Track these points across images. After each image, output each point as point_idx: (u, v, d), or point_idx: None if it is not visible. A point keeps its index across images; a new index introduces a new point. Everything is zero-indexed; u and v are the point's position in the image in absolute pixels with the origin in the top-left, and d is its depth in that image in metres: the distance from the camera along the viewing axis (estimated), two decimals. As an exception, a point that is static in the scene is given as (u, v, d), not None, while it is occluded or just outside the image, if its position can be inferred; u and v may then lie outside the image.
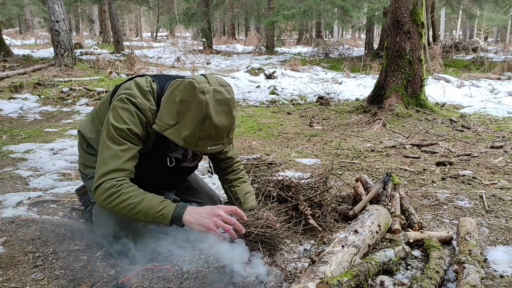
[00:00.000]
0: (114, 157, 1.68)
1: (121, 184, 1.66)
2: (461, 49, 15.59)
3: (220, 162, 2.16)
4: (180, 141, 1.64)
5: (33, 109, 5.76)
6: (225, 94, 1.65)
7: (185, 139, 1.63)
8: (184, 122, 1.62)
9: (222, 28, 33.66)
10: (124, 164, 1.69)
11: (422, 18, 5.55)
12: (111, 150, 1.69)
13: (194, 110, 1.60)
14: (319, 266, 1.57)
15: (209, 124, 1.61)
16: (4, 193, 2.74)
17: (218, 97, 1.62)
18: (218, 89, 1.64)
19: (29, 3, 20.99)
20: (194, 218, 1.62)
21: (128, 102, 1.71)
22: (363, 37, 21.81)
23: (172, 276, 1.79)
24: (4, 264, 1.87)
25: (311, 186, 2.72)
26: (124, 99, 1.72)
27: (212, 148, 1.68)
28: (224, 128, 1.65)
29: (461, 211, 2.51)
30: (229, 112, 1.66)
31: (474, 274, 1.59)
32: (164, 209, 1.63)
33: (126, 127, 1.69)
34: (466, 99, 6.78)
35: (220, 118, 1.63)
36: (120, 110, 1.71)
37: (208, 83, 1.64)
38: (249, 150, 3.98)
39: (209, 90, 1.61)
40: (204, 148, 1.67)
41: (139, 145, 1.75)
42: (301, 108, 6.54)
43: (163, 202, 1.66)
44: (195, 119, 1.60)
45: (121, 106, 1.71)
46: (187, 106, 1.61)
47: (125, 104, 1.71)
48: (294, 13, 12.07)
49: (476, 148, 4.04)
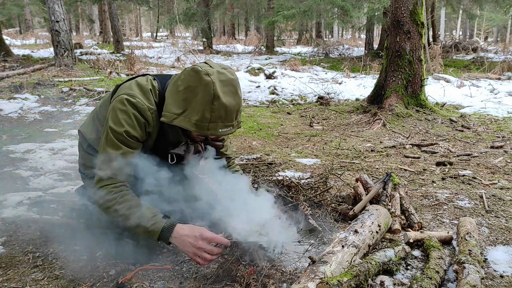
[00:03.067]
0: (112, 161, 1.70)
1: (117, 192, 1.69)
2: (461, 49, 15.59)
3: None
4: (191, 126, 1.63)
5: (33, 109, 5.76)
6: (229, 75, 1.67)
7: (196, 123, 1.63)
8: (192, 107, 1.62)
9: (222, 28, 33.66)
10: (122, 168, 1.71)
11: (422, 18, 5.55)
12: (109, 153, 1.70)
13: (202, 92, 1.60)
14: (319, 266, 1.57)
15: (218, 105, 1.61)
16: (4, 193, 2.74)
17: (222, 78, 1.64)
18: (221, 70, 1.66)
19: (29, 3, 20.98)
20: (179, 243, 1.65)
21: (126, 103, 1.71)
22: (363, 37, 21.81)
23: (172, 276, 1.79)
24: (4, 264, 1.87)
25: (311, 186, 2.72)
26: (123, 100, 1.71)
27: (223, 131, 1.67)
28: (233, 109, 1.65)
29: (461, 211, 2.51)
30: (235, 91, 1.67)
31: (474, 274, 1.59)
32: (152, 226, 1.65)
33: (124, 130, 1.69)
34: (466, 99, 6.77)
35: (227, 98, 1.63)
36: (118, 112, 1.71)
37: (210, 66, 1.66)
38: (249, 150, 3.98)
39: (213, 71, 1.63)
40: (216, 131, 1.65)
41: (138, 147, 1.76)
42: (301, 108, 6.54)
43: (154, 218, 1.67)
44: (203, 101, 1.60)
45: (120, 107, 1.71)
46: (193, 91, 1.62)
47: (123, 105, 1.71)
48: (294, 13, 12.07)
49: (476, 148, 4.04)
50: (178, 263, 1.90)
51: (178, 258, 1.94)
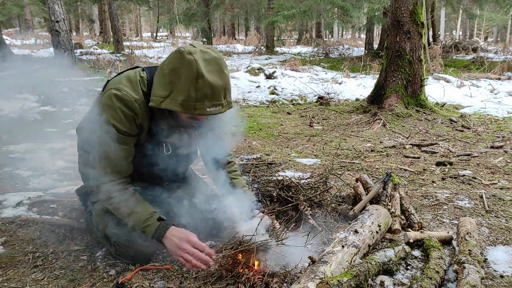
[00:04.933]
0: (107, 158, 1.73)
1: (116, 190, 1.75)
2: (461, 49, 15.58)
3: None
4: (178, 107, 1.62)
5: (33, 109, 5.75)
6: (213, 53, 1.65)
7: (182, 103, 1.61)
8: (177, 88, 1.61)
9: (222, 28, 33.66)
10: (117, 165, 1.75)
11: (422, 18, 5.55)
12: (103, 151, 1.73)
13: (185, 72, 1.59)
14: (319, 266, 1.57)
15: (203, 82, 1.59)
16: (4, 193, 2.74)
17: (206, 56, 1.62)
18: (204, 50, 1.65)
19: (29, 3, 21.00)
20: (167, 242, 1.72)
21: (113, 97, 1.71)
22: (363, 37, 21.80)
23: (172, 276, 1.79)
24: (4, 264, 1.87)
25: (311, 186, 2.72)
26: (109, 95, 1.72)
27: (211, 110, 1.65)
28: (219, 87, 1.63)
29: (461, 211, 2.51)
30: (220, 70, 1.64)
31: (474, 274, 1.59)
32: (147, 227, 1.73)
33: (113, 126, 1.70)
34: (466, 99, 6.77)
35: (212, 76, 1.61)
36: (106, 108, 1.72)
37: (194, 47, 1.66)
38: (249, 150, 3.98)
39: (196, 51, 1.62)
40: (204, 110, 1.63)
41: (130, 141, 1.76)
42: (301, 108, 6.54)
43: (149, 219, 1.73)
44: (187, 80, 1.59)
45: (107, 103, 1.72)
46: (178, 72, 1.61)
47: (110, 101, 1.71)
48: (294, 13, 12.07)
49: (476, 148, 4.04)
50: (178, 263, 1.90)
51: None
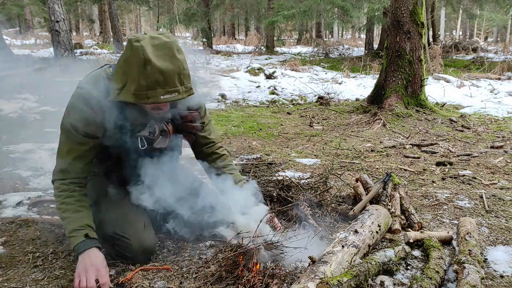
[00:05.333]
0: (62, 156, 1.75)
1: (63, 190, 1.76)
2: (461, 49, 15.58)
3: (203, 147, 2.09)
4: (131, 97, 1.58)
5: (33, 109, 5.75)
6: (164, 38, 1.60)
7: (135, 93, 1.56)
8: (130, 79, 1.57)
9: (222, 28, 33.66)
10: (70, 166, 1.75)
11: (422, 18, 5.55)
12: (60, 150, 1.76)
13: (134, 59, 1.55)
14: (319, 266, 1.57)
15: (152, 69, 1.53)
16: (4, 193, 2.74)
17: (155, 42, 1.57)
18: (155, 35, 1.60)
19: (29, 3, 20.99)
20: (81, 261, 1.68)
21: (74, 97, 1.71)
22: (363, 37, 21.80)
23: (172, 276, 1.79)
24: (4, 264, 1.87)
25: (311, 186, 2.72)
26: (73, 94, 1.73)
27: (166, 97, 1.58)
28: (171, 72, 1.57)
29: (461, 211, 2.51)
30: (171, 54, 1.58)
31: (474, 274, 1.59)
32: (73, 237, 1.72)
33: (71, 125, 1.70)
34: (466, 99, 6.77)
35: (162, 62, 1.55)
36: (68, 107, 1.73)
37: (145, 34, 1.62)
38: (249, 150, 3.98)
39: (145, 37, 1.58)
40: (157, 98, 1.57)
41: (87, 143, 1.75)
42: (301, 108, 6.54)
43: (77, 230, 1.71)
44: (136, 69, 1.54)
45: (69, 102, 1.73)
46: (129, 61, 1.57)
47: (72, 100, 1.72)
48: (294, 13, 12.07)
49: (476, 148, 4.04)
50: (178, 263, 1.90)
51: (178, 258, 1.94)
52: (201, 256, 1.95)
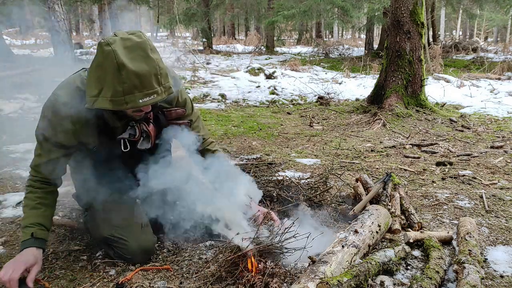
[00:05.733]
0: (35, 155, 1.80)
1: (29, 185, 1.81)
2: (461, 49, 15.58)
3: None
4: (108, 104, 1.52)
5: (33, 109, 5.75)
6: (136, 38, 1.54)
7: (112, 100, 1.50)
8: (106, 85, 1.51)
9: (222, 28, 33.66)
10: (39, 167, 1.78)
11: (422, 18, 5.55)
12: (35, 149, 1.81)
13: (107, 65, 1.48)
14: (319, 266, 1.57)
15: (127, 73, 1.47)
16: (4, 193, 2.74)
17: (127, 43, 1.51)
18: (126, 36, 1.53)
19: (29, 3, 20.96)
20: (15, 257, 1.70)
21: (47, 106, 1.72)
22: (363, 37, 21.80)
23: (172, 276, 1.79)
24: (4, 264, 1.87)
25: (311, 186, 2.72)
26: (46, 103, 1.73)
27: (145, 101, 1.53)
28: (147, 74, 1.51)
29: (461, 211, 2.51)
30: (145, 55, 1.53)
31: (474, 274, 1.59)
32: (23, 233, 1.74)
33: (42, 134, 1.74)
34: (466, 99, 6.77)
35: (137, 64, 1.50)
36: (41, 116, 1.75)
37: (115, 35, 1.55)
38: (249, 150, 3.98)
39: (115, 39, 1.51)
40: (136, 103, 1.52)
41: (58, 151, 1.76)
42: (301, 108, 6.54)
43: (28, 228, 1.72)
44: (111, 74, 1.48)
45: (42, 111, 1.74)
46: (102, 67, 1.51)
47: (44, 108, 1.73)
48: (294, 13, 12.07)
49: (476, 148, 4.04)
50: (178, 263, 1.90)
51: (178, 258, 1.94)
52: (201, 256, 1.95)
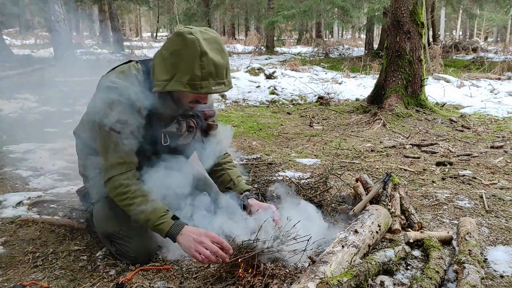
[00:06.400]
0: (111, 151, 1.73)
1: (128, 185, 1.72)
2: (461, 49, 15.58)
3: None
4: (184, 87, 1.63)
5: (33, 109, 5.75)
6: (212, 33, 1.68)
7: (189, 83, 1.62)
8: (181, 69, 1.62)
9: (222, 28, 33.65)
10: (122, 157, 1.73)
11: (422, 18, 5.55)
12: (106, 144, 1.73)
13: (188, 51, 1.61)
14: (319, 266, 1.57)
15: (207, 60, 1.61)
16: (4, 193, 2.74)
17: (206, 36, 1.65)
18: (202, 30, 1.67)
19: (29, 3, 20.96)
20: (184, 240, 1.67)
21: (108, 91, 1.70)
22: (363, 37, 21.80)
23: (172, 276, 1.79)
24: (4, 264, 1.87)
25: (311, 186, 2.72)
26: (104, 89, 1.72)
27: (216, 88, 1.67)
28: (222, 65, 1.66)
29: (461, 211, 2.51)
30: (221, 49, 1.67)
31: (474, 274, 1.59)
32: (161, 225, 1.69)
33: (113, 118, 1.69)
34: (466, 99, 6.77)
35: (215, 55, 1.64)
36: (104, 102, 1.71)
37: (191, 27, 1.67)
38: (249, 150, 3.98)
39: (196, 31, 1.64)
40: (209, 89, 1.65)
41: (133, 131, 1.74)
42: (301, 108, 6.54)
43: (162, 217, 1.70)
44: (192, 59, 1.60)
45: (104, 97, 1.71)
46: (180, 53, 1.63)
47: (105, 94, 1.71)
48: (294, 13, 12.07)
49: (476, 148, 4.04)
50: (178, 263, 1.90)
51: (178, 258, 1.94)
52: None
